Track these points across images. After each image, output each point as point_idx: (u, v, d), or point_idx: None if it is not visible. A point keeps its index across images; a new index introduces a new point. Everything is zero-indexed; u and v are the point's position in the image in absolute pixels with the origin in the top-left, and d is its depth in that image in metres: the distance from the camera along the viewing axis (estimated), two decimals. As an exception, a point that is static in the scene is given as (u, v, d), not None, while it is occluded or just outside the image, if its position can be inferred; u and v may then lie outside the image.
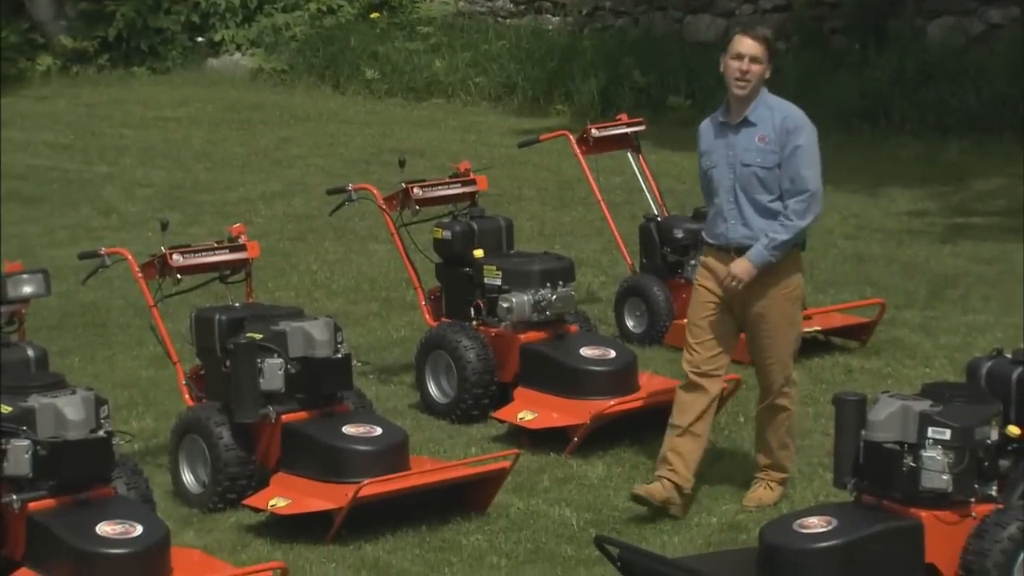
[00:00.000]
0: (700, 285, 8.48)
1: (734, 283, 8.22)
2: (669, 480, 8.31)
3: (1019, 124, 18.29)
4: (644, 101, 20.06)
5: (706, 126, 8.48)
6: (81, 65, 23.54)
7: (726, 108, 8.36)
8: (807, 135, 8.26)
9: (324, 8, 23.88)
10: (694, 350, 8.44)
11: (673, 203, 12.92)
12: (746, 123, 8.25)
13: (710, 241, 8.48)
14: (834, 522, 7.24)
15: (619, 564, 7.54)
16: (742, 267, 8.21)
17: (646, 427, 9.58)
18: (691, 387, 8.44)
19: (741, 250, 8.24)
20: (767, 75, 8.23)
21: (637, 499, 8.31)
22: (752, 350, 8.59)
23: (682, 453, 8.36)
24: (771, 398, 8.54)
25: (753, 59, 8.15)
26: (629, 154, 12.49)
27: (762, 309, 8.32)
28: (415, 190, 10.83)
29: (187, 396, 9.30)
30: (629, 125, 12.47)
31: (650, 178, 12.39)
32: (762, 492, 8.60)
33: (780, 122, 8.21)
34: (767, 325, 8.36)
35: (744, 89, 8.18)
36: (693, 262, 11.49)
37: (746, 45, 8.17)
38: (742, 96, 8.21)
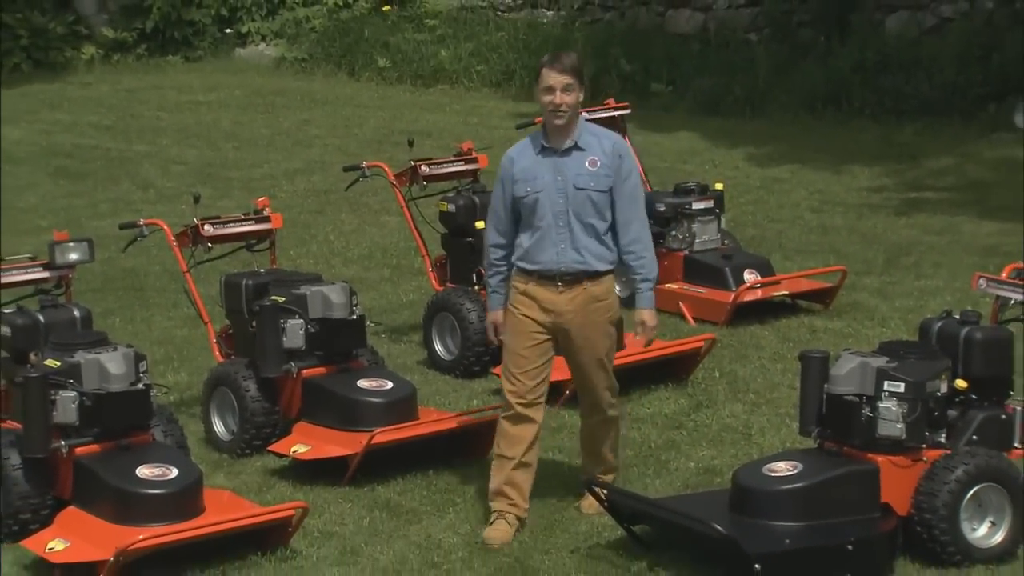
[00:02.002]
0: (521, 315, 7.52)
1: (653, 333, 7.73)
2: (511, 514, 7.56)
3: (967, 109, 18.28)
4: (629, 87, 20.02)
5: (520, 155, 7.56)
6: (121, 54, 23.49)
7: (544, 135, 7.52)
8: (634, 160, 7.73)
9: (341, 3, 23.84)
10: (518, 380, 7.54)
11: (656, 179, 12.91)
12: (576, 148, 7.47)
13: (530, 268, 7.50)
14: (799, 466, 7.26)
15: (606, 504, 7.57)
16: (651, 317, 7.68)
17: (633, 380, 9.60)
18: (518, 418, 7.56)
19: (567, 276, 7.45)
20: (580, 99, 7.46)
21: (487, 546, 7.46)
22: (577, 372, 7.71)
23: (518, 484, 7.58)
24: (599, 415, 7.77)
25: (564, 89, 7.38)
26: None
27: (589, 332, 7.54)
28: (423, 167, 10.84)
29: (217, 353, 9.32)
30: (616, 109, 12.45)
31: (635, 157, 12.37)
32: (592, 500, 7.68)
33: (610, 147, 7.49)
34: (593, 348, 7.57)
35: (563, 119, 7.41)
36: (675, 233, 11.52)
37: (554, 79, 7.38)
38: (561, 125, 7.43)
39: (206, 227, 9.37)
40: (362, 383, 8.71)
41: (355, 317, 8.95)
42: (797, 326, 11.03)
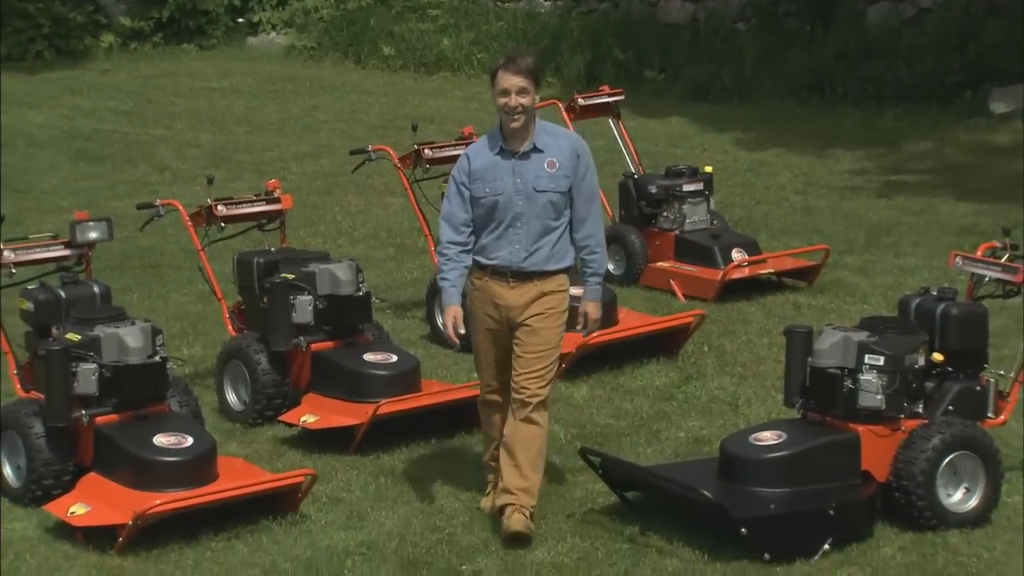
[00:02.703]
0: (478, 311, 7.30)
1: (596, 326, 7.38)
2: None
3: (945, 95, 18.27)
4: (623, 75, 20.00)
5: (477, 154, 7.24)
6: (138, 42, 23.44)
7: (501, 136, 7.17)
8: (591, 156, 7.26)
9: (348, -8, 23.86)
10: (482, 372, 7.44)
11: (648, 163, 12.90)
12: (535, 150, 7.12)
13: (485, 263, 7.20)
14: (784, 436, 7.28)
15: (600, 472, 7.59)
16: (595, 310, 7.27)
17: (625, 354, 9.62)
18: (486, 404, 7.47)
19: (520, 274, 7.14)
20: (536, 102, 7.13)
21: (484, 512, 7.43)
22: (518, 362, 7.18)
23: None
24: (527, 410, 7.15)
25: (520, 91, 7.04)
26: (610, 120, 12.47)
27: (536, 323, 7.14)
28: (426, 151, 10.82)
29: (230, 327, 9.32)
30: (610, 95, 12.45)
31: (628, 141, 12.38)
32: (523, 520, 7.14)
33: (568, 147, 7.14)
34: (538, 339, 7.15)
35: (519, 122, 7.06)
36: (666, 213, 11.51)
37: (510, 82, 7.04)
38: (518, 128, 7.08)
39: (219, 207, 9.37)
40: (368, 356, 8.72)
41: (361, 294, 8.95)
42: (782, 302, 11.04)
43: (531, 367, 7.16)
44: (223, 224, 9.41)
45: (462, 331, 7.21)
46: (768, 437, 7.28)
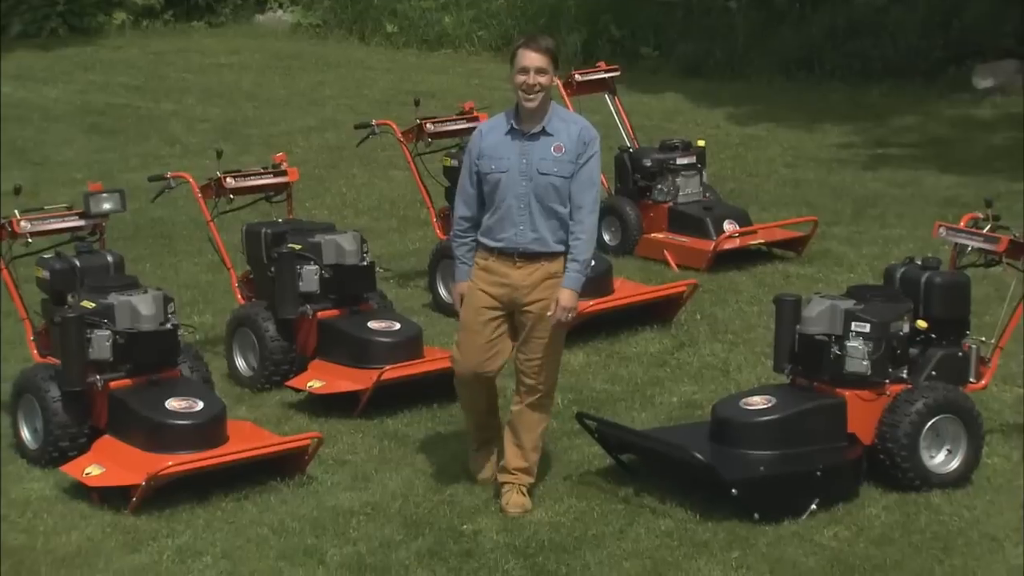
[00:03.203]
0: (479, 289, 7.00)
1: (571, 315, 6.92)
2: (492, 443, 7.40)
3: (929, 71, 18.26)
4: (619, 52, 19.94)
5: (491, 130, 7.04)
6: (150, 20, 23.36)
7: (516, 116, 6.96)
8: (598, 147, 6.98)
9: (352, -28, 23.77)
10: (467, 354, 7.07)
11: (643, 137, 12.88)
12: (544, 133, 6.89)
13: (493, 245, 6.96)
14: (773, 400, 7.29)
15: (596, 435, 7.60)
16: (569, 298, 6.87)
17: (620, 322, 9.62)
18: (464, 384, 7.21)
19: (526, 255, 6.90)
20: (553, 83, 6.94)
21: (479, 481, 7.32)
22: (525, 348, 7.02)
23: (492, 425, 7.41)
24: (535, 396, 7.05)
25: (539, 71, 6.84)
26: (607, 95, 12.45)
27: (541, 310, 6.90)
28: (428, 125, 10.81)
29: (239, 296, 9.32)
30: (607, 71, 12.44)
31: (624, 116, 12.36)
32: (520, 498, 7.10)
33: (577, 134, 6.89)
34: (547, 325, 6.92)
35: (534, 101, 6.84)
36: (660, 186, 11.50)
37: (530, 59, 6.86)
38: (533, 108, 6.87)
39: (228, 180, 9.36)
40: (372, 324, 8.72)
41: (365, 263, 8.95)
42: (772, 272, 11.04)
43: (542, 353, 6.98)
44: (232, 196, 9.40)
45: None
46: (758, 401, 7.30)
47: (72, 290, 7.95)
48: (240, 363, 9.04)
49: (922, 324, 7.49)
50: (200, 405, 7.51)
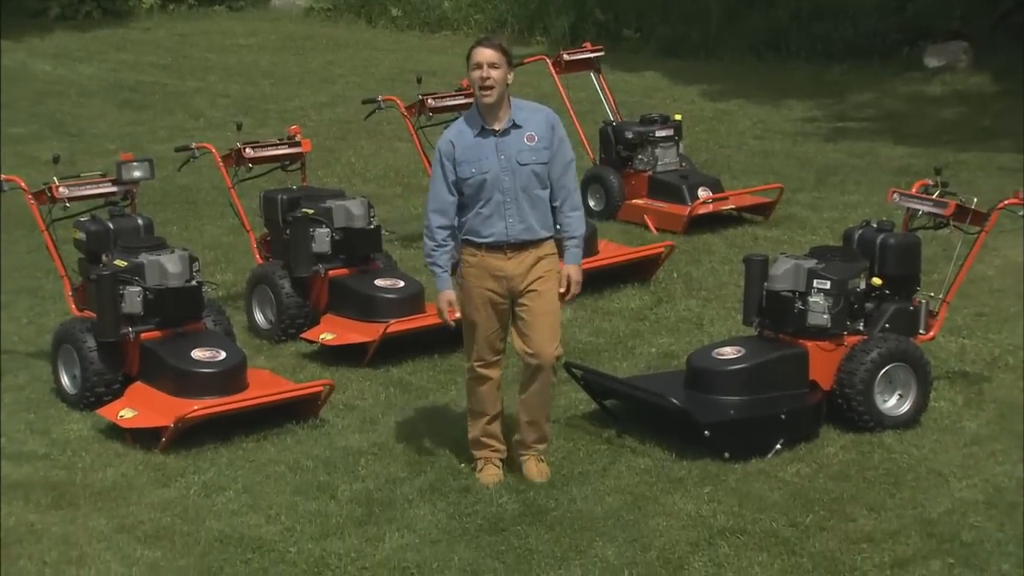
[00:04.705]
0: (474, 287, 6.60)
1: (578, 289, 6.65)
2: (497, 457, 6.88)
3: (885, 51, 18.21)
4: (603, 34, 19.88)
5: (459, 135, 6.59)
6: (176, 3, 23.23)
7: (478, 116, 6.58)
8: (563, 128, 6.69)
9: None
10: (477, 346, 6.69)
11: (625, 111, 12.84)
12: (514, 126, 6.54)
13: (482, 241, 6.56)
14: (743, 350, 7.30)
15: (582, 383, 7.62)
16: (577, 272, 6.63)
17: (604, 281, 9.62)
18: (480, 379, 6.76)
19: (516, 245, 6.54)
20: (509, 79, 6.57)
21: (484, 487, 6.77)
22: (529, 330, 6.61)
23: (494, 433, 6.86)
24: (542, 375, 6.68)
25: (492, 65, 6.47)
26: (592, 74, 12.41)
27: (539, 286, 6.56)
28: (429, 101, 10.80)
29: (257, 256, 9.32)
30: (592, 51, 12.39)
31: (607, 92, 12.33)
32: (540, 466, 6.85)
33: (543, 120, 6.58)
34: (544, 301, 6.59)
35: (491, 96, 6.48)
36: (640, 156, 11.48)
37: (483, 55, 6.52)
38: (491, 103, 6.51)
39: (247, 150, 9.34)
40: (379, 282, 8.72)
41: (372, 227, 8.94)
42: (742, 234, 11.04)
43: (544, 328, 6.60)
44: (250, 165, 9.39)
45: (458, 315, 6.68)
46: (729, 352, 7.31)
47: (106, 250, 7.95)
48: (259, 317, 9.04)
49: (877, 281, 7.50)
50: (223, 355, 7.52)
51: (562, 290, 6.62)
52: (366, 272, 8.85)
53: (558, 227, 6.68)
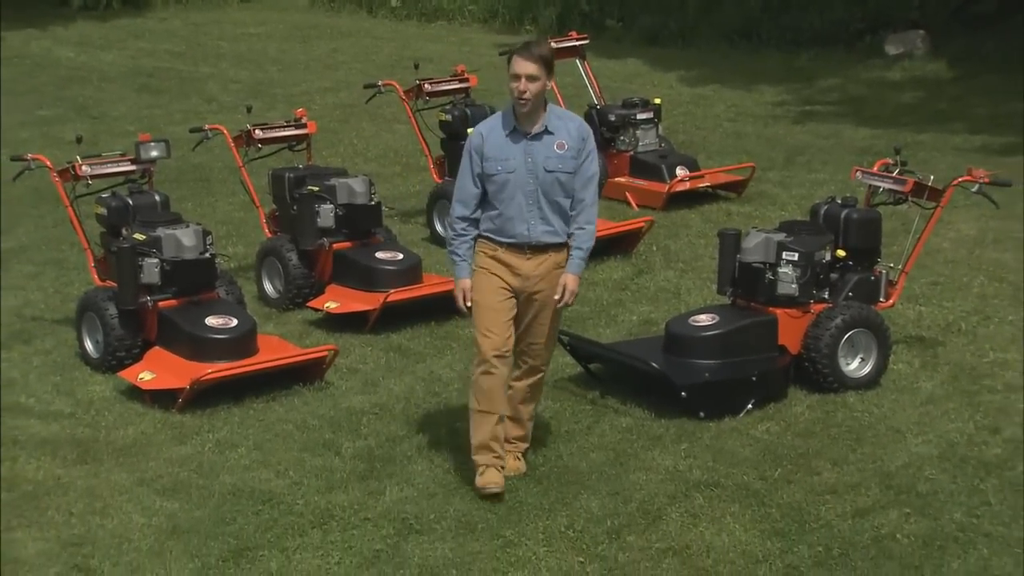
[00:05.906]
0: (493, 274, 6.19)
1: (571, 300, 6.25)
2: (500, 463, 6.30)
3: (849, 40, 18.19)
4: (588, 23, 19.82)
5: (491, 131, 6.20)
6: (190, -5, 23.22)
7: (513, 117, 6.17)
8: (593, 141, 6.29)
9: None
10: (492, 333, 6.17)
11: (608, 96, 12.80)
12: (546, 132, 6.14)
13: (504, 240, 6.18)
14: (717, 318, 7.31)
15: (568, 348, 7.62)
16: (575, 283, 6.24)
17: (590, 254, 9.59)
18: (492, 371, 6.17)
19: (538, 247, 6.18)
20: (549, 86, 6.17)
21: (491, 495, 6.22)
22: (529, 331, 6.32)
23: (500, 437, 6.29)
24: (537, 376, 6.44)
25: (530, 78, 6.03)
26: (577, 61, 12.37)
27: (550, 293, 6.21)
28: (426, 86, 10.75)
29: (266, 230, 9.29)
30: (577, 39, 12.34)
31: (592, 78, 12.29)
32: (516, 463, 6.49)
33: (575, 130, 6.18)
34: (553, 313, 6.30)
35: (525, 107, 6.08)
36: (622, 137, 11.46)
37: (521, 67, 6.05)
38: (527, 113, 6.12)
39: (257, 132, 9.31)
40: (379, 254, 8.71)
41: (373, 203, 8.92)
42: (716, 210, 11.03)
43: (547, 336, 6.35)
44: (260, 145, 9.35)
45: (473, 298, 6.24)
46: (704, 319, 7.32)
47: (126, 224, 7.93)
48: (268, 287, 9.03)
49: (841, 253, 7.50)
50: (235, 322, 7.51)
51: (556, 297, 6.23)
52: (367, 245, 8.84)
53: (570, 239, 6.27)
